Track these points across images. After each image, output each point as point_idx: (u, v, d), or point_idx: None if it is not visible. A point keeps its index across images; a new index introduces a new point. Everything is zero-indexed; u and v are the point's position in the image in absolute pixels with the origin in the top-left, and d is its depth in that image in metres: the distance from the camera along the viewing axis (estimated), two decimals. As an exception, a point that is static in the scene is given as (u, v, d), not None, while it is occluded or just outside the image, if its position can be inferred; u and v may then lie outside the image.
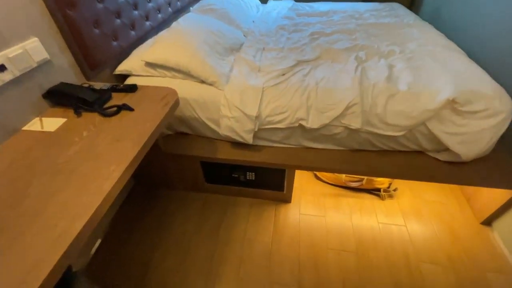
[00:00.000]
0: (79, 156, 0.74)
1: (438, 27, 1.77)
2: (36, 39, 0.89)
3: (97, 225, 0.64)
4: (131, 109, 0.93)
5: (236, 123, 1.17)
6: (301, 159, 1.25)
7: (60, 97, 0.93)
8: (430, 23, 1.86)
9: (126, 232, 1.39)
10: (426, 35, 1.55)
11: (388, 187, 1.48)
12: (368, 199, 1.48)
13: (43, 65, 0.93)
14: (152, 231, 1.39)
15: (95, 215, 0.61)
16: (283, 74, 1.27)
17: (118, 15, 1.24)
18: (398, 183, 1.51)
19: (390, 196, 1.47)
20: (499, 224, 1.28)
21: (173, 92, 1.02)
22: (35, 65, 0.89)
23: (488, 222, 1.33)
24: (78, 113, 0.91)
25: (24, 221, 0.58)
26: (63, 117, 0.91)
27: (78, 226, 0.58)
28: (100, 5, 1.12)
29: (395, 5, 2.11)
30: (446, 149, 1.15)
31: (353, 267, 1.21)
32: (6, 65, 0.80)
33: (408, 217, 1.38)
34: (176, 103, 1.01)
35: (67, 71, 1.03)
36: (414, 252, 1.25)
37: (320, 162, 1.24)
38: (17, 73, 0.83)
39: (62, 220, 0.58)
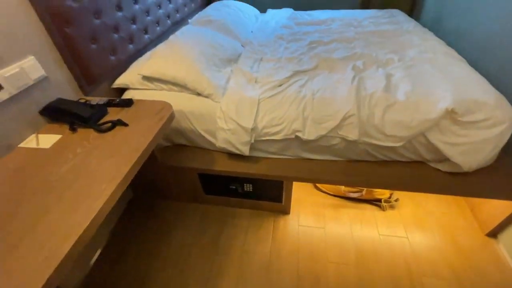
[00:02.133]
0: (72, 174, 0.75)
1: (438, 34, 1.75)
2: (32, 57, 0.90)
3: (97, 236, 0.64)
4: (125, 124, 0.93)
5: (232, 135, 1.17)
6: (299, 171, 1.23)
7: (56, 113, 0.94)
8: (430, 29, 1.85)
9: (125, 243, 1.39)
10: (426, 42, 1.53)
11: (389, 198, 1.45)
12: (368, 210, 1.45)
13: (40, 82, 0.94)
14: (150, 242, 1.39)
15: (84, 235, 0.61)
16: (280, 85, 1.26)
17: (116, 30, 1.26)
18: (399, 193, 1.48)
19: (392, 207, 1.44)
20: (505, 236, 1.24)
21: (168, 106, 1.03)
22: (31, 82, 0.90)
23: (493, 234, 1.28)
24: (73, 129, 0.92)
25: (12, 240, 0.59)
26: (59, 133, 0.92)
27: (66, 247, 0.58)
28: (97, 21, 1.14)
29: (395, 11, 2.10)
30: (447, 160, 1.12)
31: (353, 281, 1.18)
32: (3, 84, 0.81)
33: (410, 228, 1.35)
34: (171, 117, 1.01)
35: (64, 87, 1.05)
36: (417, 265, 1.21)
37: (318, 173, 1.22)
38: (14, 92, 0.85)
39: (51, 241, 0.58)
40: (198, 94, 1.23)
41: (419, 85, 1.16)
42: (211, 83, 1.21)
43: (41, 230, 0.60)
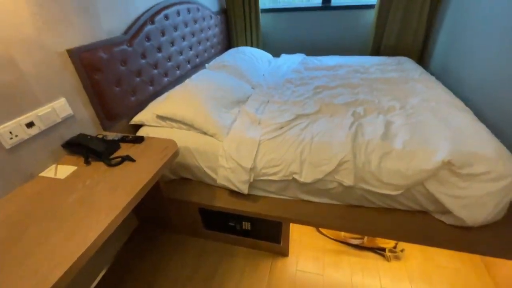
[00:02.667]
0: (77, 203, 0.83)
1: (447, 82, 1.78)
2: (63, 99, 1.06)
3: (100, 261, 0.69)
4: (133, 160, 1.03)
5: (232, 173, 1.23)
6: (297, 213, 1.23)
7: (75, 146, 1.07)
8: (439, 77, 1.89)
9: (126, 270, 1.42)
10: (431, 91, 1.56)
11: (395, 247, 1.38)
12: (372, 259, 1.38)
13: (67, 119, 1.09)
14: (149, 272, 1.40)
15: (76, 264, 0.66)
16: (281, 128, 1.33)
17: (139, 74, 1.44)
18: (406, 243, 1.40)
19: (397, 258, 1.36)
20: (526, 303, 1.11)
21: (173, 144, 1.12)
22: (59, 120, 1.05)
23: (513, 299, 1.16)
24: (87, 162, 1.03)
25: (13, 264, 0.65)
26: (75, 165, 1.03)
27: (57, 274, 0.63)
28: (123, 68, 1.31)
29: (403, 59, 2.18)
30: (451, 212, 1.08)
31: None
32: (35, 122, 0.95)
33: (416, 283, 1.25)
34: (175, 154, 1.10)
35: (87, 123, 1.19)
36: (423, 328, 1.10)
37: (316, 216, 1.21)
38: (43, 128, 0.99)
39: (45, 267, 0.64)
40: (204, 133, 1.33)
41: (418, 134, 1.17)
42: (216, 124, 1.31)
43: (39, 256, 0.67)
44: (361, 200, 1.20)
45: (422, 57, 2.36)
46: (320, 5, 2.52)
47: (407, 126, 1.23)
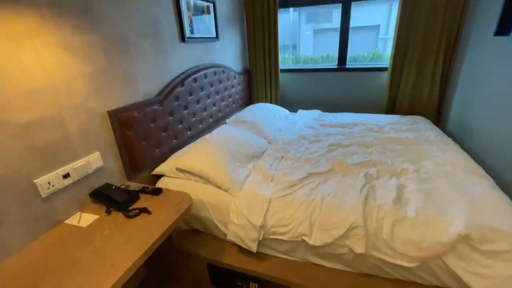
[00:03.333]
0: (93, 254, 0.88)
1: (466, 144, 1.76)
2: (98, 153, 1.20)
3: None
4: (149, 213, 1.09)
5: (242, 230, 1.24)
6: (307, 277, 1.18)
7: (100, 196, 1.17)
8: (458, 138, 1.88)
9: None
10: (447, 154, 1.55)
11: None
12: None
13: (97, 171, 1.21)
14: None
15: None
16: (292, 186, 1.36)
17: (165, 129, 1.59)
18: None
19: None
20: None
21: (187, 198, 1.19)
22: (91, 171, 1.17)
23: None
24: (108, 212, 1.11)
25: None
26: (97, 213, 1.11)
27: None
28: (152, 125, 1.48)
29: (419, 118, 2.21)
30: (476, 292, 0.98)
31: None
32: (70, 173, 1.08)
33: None
34: (188, 209, 1.16)
35: (114, 173, 1.31)
36: None
37: (326, 283, 1.15)
38: (76, 178, 1.11)
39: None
40: (219, 187, 1.39)
41: (432, 202, 1.14)
42: (230, 179, 1.38)
43: (50, 309, 0.70)
44: (375, 269, 1.13)
45: (439, 117, 2.38)
46: (336, 66, 2.72)
47: (420, 191, 1.21)
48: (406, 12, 2.15)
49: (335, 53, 2.71)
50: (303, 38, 5.56)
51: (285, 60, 3.09)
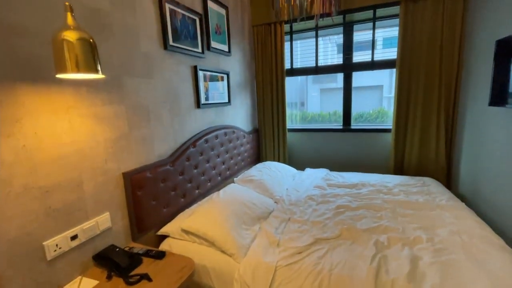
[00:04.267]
0: (86, 329, 0.84)
1: (480, 209, 1.70)
2: (107, 213, 1.24)
3: None
4: (150, 280, 1.06)
5: (245, 302, 1.16)
6: None
7: (103, 259, 1.16)
8: (470, 202, 1.82)
9: None
10: (461, 221, 1.49)
11: None
12: None
13: (104, 232, 1.23)
14: None
15: None
16: (299, 253, 1.31)
17: (174, 189, 1.64)
18: None
19: None
20: None
21: (190, 265, 1.16)
22: (98, 232, 1.19)
23: None
24: (109, 277, 1.08)
25: None
26: (97, 279, 1.09)
27: None
28: (162, 185, 1.53)
29: (428, 180, 2.18)
30: None
31: None
32: (78, 235, 1.10)
33: None
34: (190, 276, 1.12)
35: (119, 234, 1.32)
36: None
37: None
38: (83, 240, 1.13)
39: None
40: (223, 251, 1.35)
41: (450, 278, 1.06)
42: (235, 243, 1.35)
43: None
44: None
45: (449, 178, 2.35)
46: (341, 127, 2.85)
47: (436, 265, 1.14)
48: (404, 78, 2.32)
49: (341, 110, 2.86)
50: (310, 97, 5.95)
51: (293, 116, 3.26)
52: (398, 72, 2.33)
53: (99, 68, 0.91)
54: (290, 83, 3.13)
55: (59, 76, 0.88)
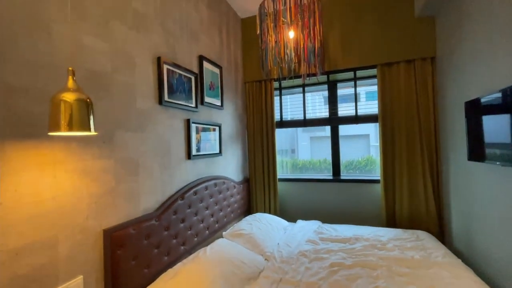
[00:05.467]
0: None
1: (476, 264, 1.64)
2: (81, 277, 1.13)
3: None
4: None
5: None
6: None
7: (69, 335, 1.01)
8: (466, 258, 1.77)
9: None
10: (460, 281, 1.42)
11: None
12: None
13: (74, 300, 1.10)
14: None
15: None
16: (292, 322, 1.19)
17: (158, 246, 1.54)
18: None
19: None
20: None
21: None
22: (67, 301, 1.06)
23: None
24: None
25: None
26: None
27: None
28: (145, 242, 1.44)
29: (422, 234, 2.13)
30: None
31: None
32: (44, 305, 0.98)
33: None
34: None
35: (92, 302, 1.18)
36: None
37: None
38: (48, 311, 1.00)
39: None
40: (207, 322, 1.22)
41: None
42: (221, 312, 1.22)
43: None
44: None
45: (442, 231, 2.31)
46: (331, 177, 2.87)
47: (441, 336, 1.04)
48: (387, 131, 2.45)
49: (330, 158, 2.91)
50: (301, 145, 6.11)
51: (284, 163, 3.28)
52: (381, 126, 2.46)
53: (92, 126, 0.93)
54: (281, 131, 3.25)
55: (51, 134, 0.89)
